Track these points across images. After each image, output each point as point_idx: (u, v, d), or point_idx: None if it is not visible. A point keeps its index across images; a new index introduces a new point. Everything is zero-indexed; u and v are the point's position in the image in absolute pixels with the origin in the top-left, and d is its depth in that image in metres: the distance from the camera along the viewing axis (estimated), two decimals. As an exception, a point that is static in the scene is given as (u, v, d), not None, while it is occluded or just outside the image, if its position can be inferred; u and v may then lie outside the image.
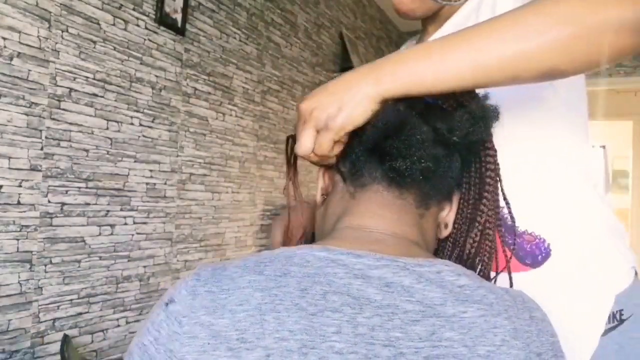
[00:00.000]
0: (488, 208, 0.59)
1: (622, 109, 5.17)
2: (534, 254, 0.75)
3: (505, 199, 0.61)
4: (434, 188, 0.56)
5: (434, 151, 0.54)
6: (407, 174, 0.54)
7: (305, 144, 0.54)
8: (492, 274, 0.62)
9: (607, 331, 0.74)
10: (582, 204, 0.78)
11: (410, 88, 0.52)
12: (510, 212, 0.62)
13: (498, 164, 0.59)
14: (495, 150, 0.59)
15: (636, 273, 0.77)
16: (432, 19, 0.82)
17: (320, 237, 0.62)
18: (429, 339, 0.45)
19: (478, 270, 0.60)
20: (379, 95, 0.53)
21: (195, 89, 2.20)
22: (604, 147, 6.55)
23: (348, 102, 0.53)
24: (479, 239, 0.59)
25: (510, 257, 0.64)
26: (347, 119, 0.52)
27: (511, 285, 0.62)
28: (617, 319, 0.74)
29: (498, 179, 0.59)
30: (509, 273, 0.63)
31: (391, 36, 4.57)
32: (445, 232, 0.60)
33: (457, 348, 0.45)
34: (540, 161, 0.75)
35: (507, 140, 0.65)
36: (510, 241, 0.69)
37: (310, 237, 0.77)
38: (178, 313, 0.45)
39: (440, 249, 0.62)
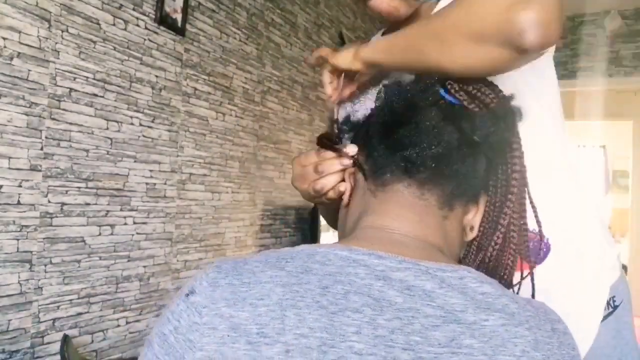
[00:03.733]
0: (512, 210, 0.58)
1: (622, 109, 5.15)
2: (537, 251, 0.75)
3: (532, 202, 0.60)
4: (457, 188, 0.55)
5: (446, 137, 0.54)
6: (419, 162, 0.53)
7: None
8: (515, 281, 0.61)
9: (604, 317, 0.78)
10: (573, 198, 0.81)
11: (380, 56, 0.66)
12: (536, 217, 0.61)
13: (525, 167, 0.58)
14: (522, 153, 0.58)
15: (624, 266, 0.83)
16: (407, 22, 0.82)
17: (342, 235, 0.63)
18: (448, 345, 0.44)
19: (501, 275, 0.59)
20: (357, 53, 0.69)
21: (195, 89, 2.20)
22: (604, 147, 6.55)
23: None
24: (502, 242, 0.58)
25: (534, 265, 0.64)
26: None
27: (533, 294, 0.62)
28: (611, 306, 0.79)
29: (524, 182, 0.59)
30: (532, 280, 0.63)
31: (391, 36, 4.56)
32: (471, 235, 0.59)
33: (477, 356, 0.44)
34: (531, 160, 0.77)
35: None
36: (533, 248, 0.68)
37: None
38: (198, 304, 0.46)
39: (465, 253, 0.61)
